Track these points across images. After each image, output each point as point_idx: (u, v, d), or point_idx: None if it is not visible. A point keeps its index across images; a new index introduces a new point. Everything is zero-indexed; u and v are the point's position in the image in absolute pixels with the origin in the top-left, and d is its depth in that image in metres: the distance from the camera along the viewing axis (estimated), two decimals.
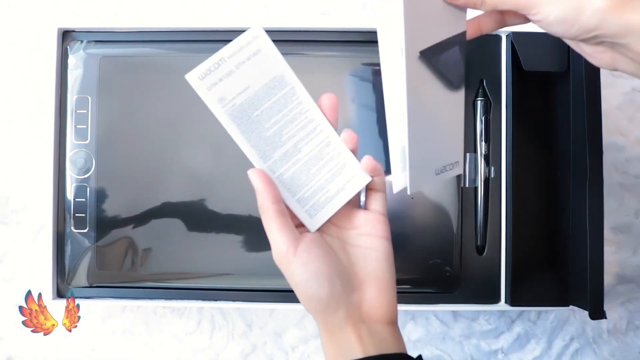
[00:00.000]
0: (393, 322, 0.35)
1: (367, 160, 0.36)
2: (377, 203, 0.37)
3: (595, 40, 0.31)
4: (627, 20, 0.29)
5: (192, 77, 0.32)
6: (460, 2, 0.33)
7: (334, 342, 0.33)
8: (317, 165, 0.35)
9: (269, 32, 0.31)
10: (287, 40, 0.47)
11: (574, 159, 0.46)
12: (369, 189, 0.37)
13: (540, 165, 0.49)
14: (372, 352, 0.32)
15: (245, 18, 0.56)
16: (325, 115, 0.35)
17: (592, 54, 0.33)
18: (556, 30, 0.31)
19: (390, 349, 0.33)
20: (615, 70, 0.33)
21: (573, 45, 0.33)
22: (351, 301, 0.33)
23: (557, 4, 0.30)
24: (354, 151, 0.36)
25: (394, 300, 0.35)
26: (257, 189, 0.33)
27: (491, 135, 0.48)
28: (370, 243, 0.35)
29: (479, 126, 0.48)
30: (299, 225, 0.35)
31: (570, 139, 0.46)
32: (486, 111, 0.48)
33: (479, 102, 0.47)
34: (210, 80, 0.32)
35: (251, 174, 0.33)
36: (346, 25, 0.47)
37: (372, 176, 0.36)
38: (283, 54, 0.35)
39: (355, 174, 0.36)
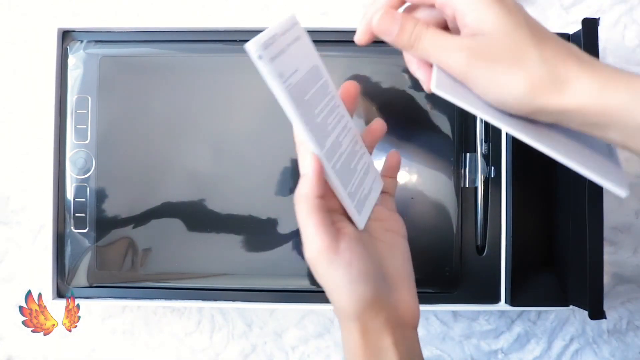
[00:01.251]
0: (416, 327, 0.33)
1: (395, 155, 0.37)
2: (391, 204, 0.37)
3: (533, 117, 0.30)
4: (562, 106, 0.27)
5: (255, 46, 0.27)
6: (387, 39, 0.31)
7: (369, 349, 0.30)
8: (353, 162, 0.34)
9: None
10: None
11: None
12: (382, 191, 0.37)
13: (540, 165, 0.49)
14: None
15: (245, 18, 0.56)
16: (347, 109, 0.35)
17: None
18: (497, 104, 0.30)
19: (418, 358, 0.32)
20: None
21: None
22: (390, 302, 0.32)
23: (494, 85, 0.28)
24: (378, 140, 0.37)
25: (418, 304, 0.34)
26: (307, 175, 0.30)
27: (491, 135, 0.48)
28: (394, 240, 0.34)
29: (479, 126, 0.48)
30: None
31: None
32: None
33: None
34: (270, 53, 0.28)
35: (309, 157, 0.30)
36: (346, 25, 0.47)
37: (390, 177, 0.37)
38: None
39: (376, 175, 0.36)
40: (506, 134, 0.47)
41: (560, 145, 0.31)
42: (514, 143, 0.47)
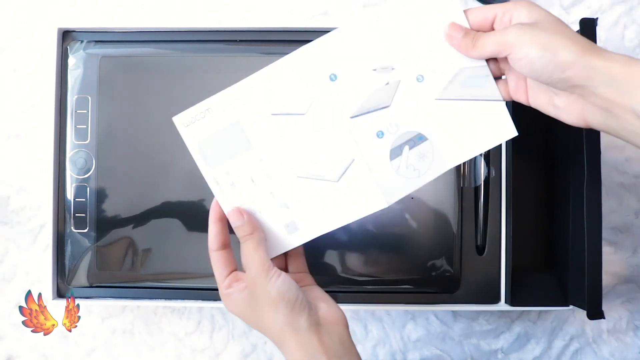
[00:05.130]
0: (346, 325, 0.37)
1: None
2: (300, 263, 0.41)
3: (565, 83, 0.33)
4: (593, 64, 0.32)
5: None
6: (454, 43, 0.36)
7: (300, 345, 0.35)
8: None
9: (269, 32, 0.31)
10: (287, 41, 0.47)
11: (572, 158, 0.46)
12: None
13: (540, 165, 0.49)
14: (334, 356, 0.35)
15: (245, 18, 0.56)
16: None
17: (564, 106, 0.35)
18: (535, 69, 0.33)
19: (350, 351, 0.36)
20: (588, 126, 0.34)
21: (550, 108, 0.36)
22: (310, 305, 0.36)
23: (536, 45, 0.32)
24: None
25: (339, 307, 0.38)
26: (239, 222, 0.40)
27: None
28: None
29: None
30: None
31: (569, 138, 0.46)
32: None
33: None
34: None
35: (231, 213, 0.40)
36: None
37: None
38: (283, 54, 0.36)
39: None
40: None
41: None
42: (514, 143, 0.47)
